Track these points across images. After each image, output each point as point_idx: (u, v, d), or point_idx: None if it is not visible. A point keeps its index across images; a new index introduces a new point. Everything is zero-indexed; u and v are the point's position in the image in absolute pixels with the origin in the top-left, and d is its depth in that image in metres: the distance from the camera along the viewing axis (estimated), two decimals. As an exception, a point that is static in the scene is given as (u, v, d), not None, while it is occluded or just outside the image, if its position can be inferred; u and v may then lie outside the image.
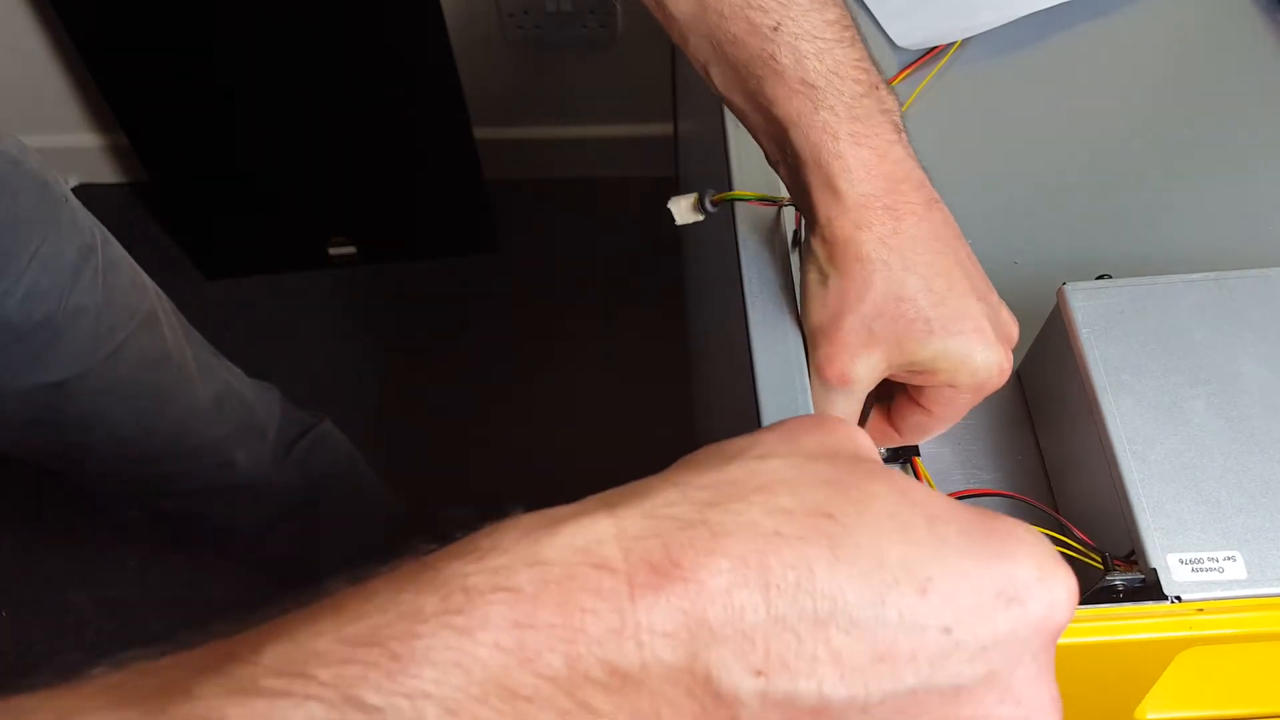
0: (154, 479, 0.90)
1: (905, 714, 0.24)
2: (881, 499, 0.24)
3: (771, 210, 0.50)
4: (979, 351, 0.41)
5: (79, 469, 0.86)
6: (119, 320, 0.76)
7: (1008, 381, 0.55)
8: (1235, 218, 0.59)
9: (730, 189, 0.51)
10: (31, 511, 1.41)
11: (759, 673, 0.22)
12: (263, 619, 0.22)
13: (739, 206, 0.50)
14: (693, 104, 0.95)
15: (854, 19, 0.42)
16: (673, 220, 0.48)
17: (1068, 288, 0.48)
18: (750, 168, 0.53)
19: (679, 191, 0.49)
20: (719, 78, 0.43)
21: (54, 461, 0.84)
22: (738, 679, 0.22)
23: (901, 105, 0.42)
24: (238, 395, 0.93)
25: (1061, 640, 0.39)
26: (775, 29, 0.40)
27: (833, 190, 0.40)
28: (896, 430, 0.46)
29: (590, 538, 0.22)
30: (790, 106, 0.40)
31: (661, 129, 1.49)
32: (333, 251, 1.57)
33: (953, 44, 0.68)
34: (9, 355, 0.69)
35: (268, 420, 0.98)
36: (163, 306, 0.84)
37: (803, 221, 0.44)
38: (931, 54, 0.67)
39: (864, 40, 0.42)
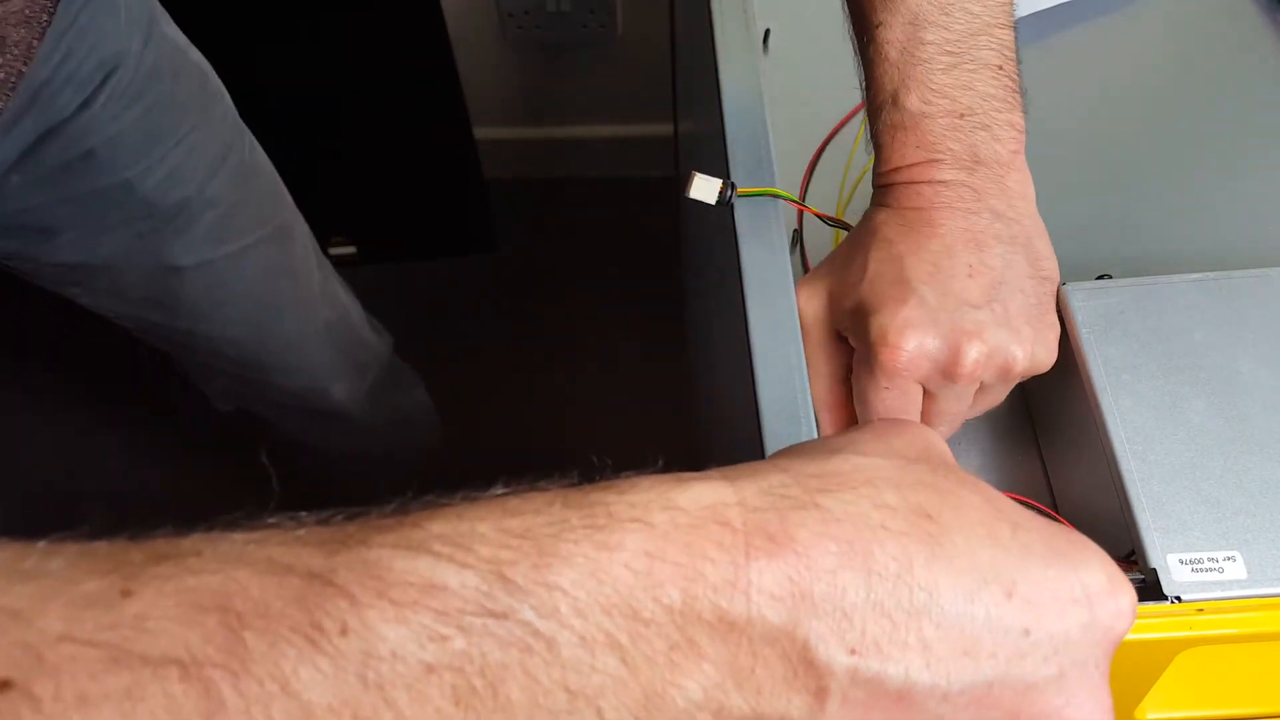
0: (250, 382, 0.92)
1: (980, 705, 0.25)
2: (973, 506, 0.27)
3: (773, 209, 0.50)
4: (881, 315, 0.42)
5: (184, 354, 0.89)
6: (248, 224, 0.78)
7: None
8: (1235, 218, 0.59)
9: (734, 186, 0.51)
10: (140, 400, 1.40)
11: (853, 651, 0.24)
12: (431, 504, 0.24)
13: (740, 205, 0.50)
14: (693, 104, 0.95)
15: (991, 47, 0.45)
16: (687, 189, 0.49)
17: (1068, 288, 0.48)
18: (749, 168, 0.53)
19: (680, 191, 0.49)
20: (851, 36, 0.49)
21: (162, 343, 0.87)
22: (833, 652, 0.24)
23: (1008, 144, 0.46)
24: (354, 329, 0.96)
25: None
26: (878, 26, 0.45)
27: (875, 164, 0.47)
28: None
29: (716, 498, 0.25)
30: (870, 90, 0.47)
31: (661, 129, 1.49)
32: (333, 251, 1.57)
33: (953, 44, 0.68)
34: (139, 230, 0.71)
35: (373, 363, 1.00)
36: (301, 228, 0.87)
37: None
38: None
39: (987, 68, 0.45)
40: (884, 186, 0.46)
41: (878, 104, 0.46)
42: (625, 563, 0.23)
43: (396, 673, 0.21)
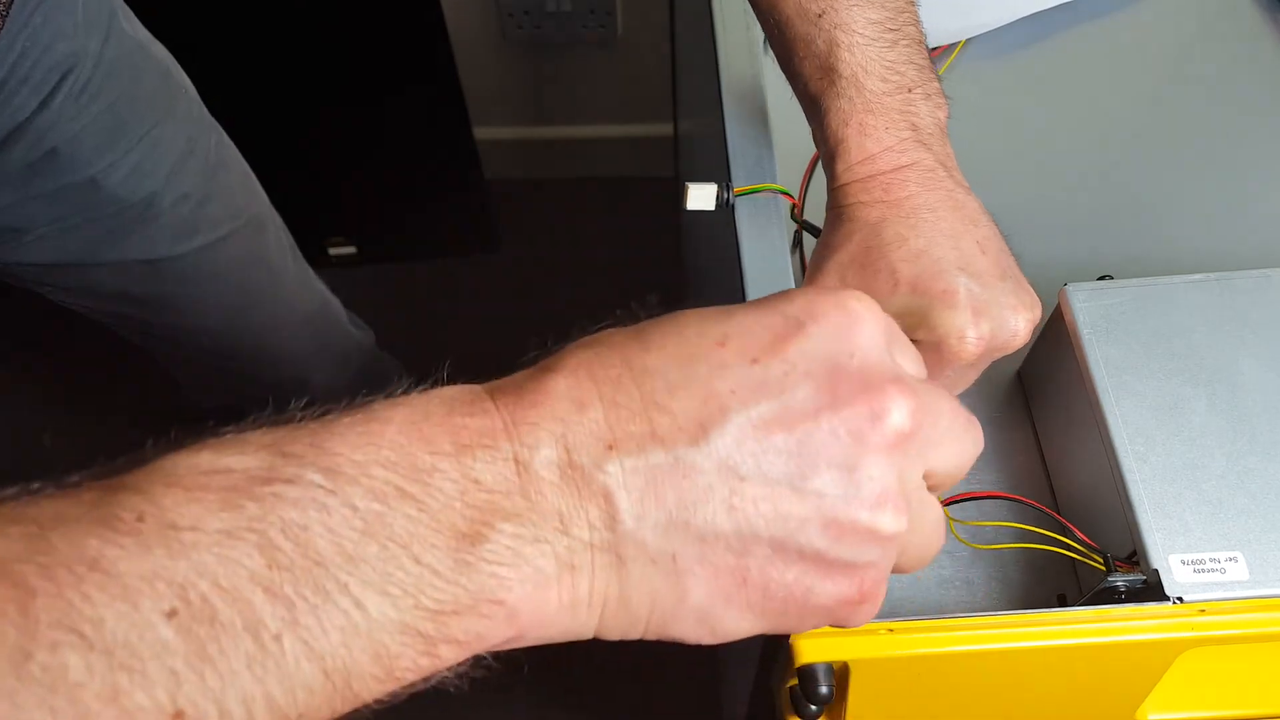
0: (228, 374, 0.92)
1: (756, 439, 0.27)
2: (680, 317, 0.29)
3: (774, 209, 0.50)
4: (943, 313, 0.42)
5: (161, 347, 0.89)
6: (222, 215, 0.78)
7: (1008, 382, 0.55)
8: (1235, 218, 0.59)
9: (730, 188, 0.51)
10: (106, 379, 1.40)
11: (610, 446, 0.26)
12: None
13: (740, 206, 0.50)
14: (693, 104, 0.95)
15: (914, 23, 0.46)
16: (685, 202, 0.49)
17: (1069, 288, 0.48)
18: (749, 168, 0.53)
19: (680, 191, 0.49)
20: (773, 46, 0.49)
21: (139, 337, 0.87)
22: (595, 455, 0.26)
23: (944, 110, 0.46)
24: (334, 321, 0.97)
25: (1063, 641, 0.39)
26: (820, 16, 0.45)
27: (833, 165, 0.45)
28: None
29: (466, 390, 0.28)
30: (817, 86, 0.46)
31: (661, 129, 1.49)
32: (333, 251, 1.57)
33: (955, 45, 0.68)
34: (108, 226, 0.71)
35: (355, 354, 1.01)
36: (275, 222, 0.87)
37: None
38: (934, 54, 0.67)
39: (916, 43, 0.46)
40: (857, 182, 0.45)
41: (834, 94, 0.45)
42: (396, 429, 0.26)
43: (199, 542, 0.23)
